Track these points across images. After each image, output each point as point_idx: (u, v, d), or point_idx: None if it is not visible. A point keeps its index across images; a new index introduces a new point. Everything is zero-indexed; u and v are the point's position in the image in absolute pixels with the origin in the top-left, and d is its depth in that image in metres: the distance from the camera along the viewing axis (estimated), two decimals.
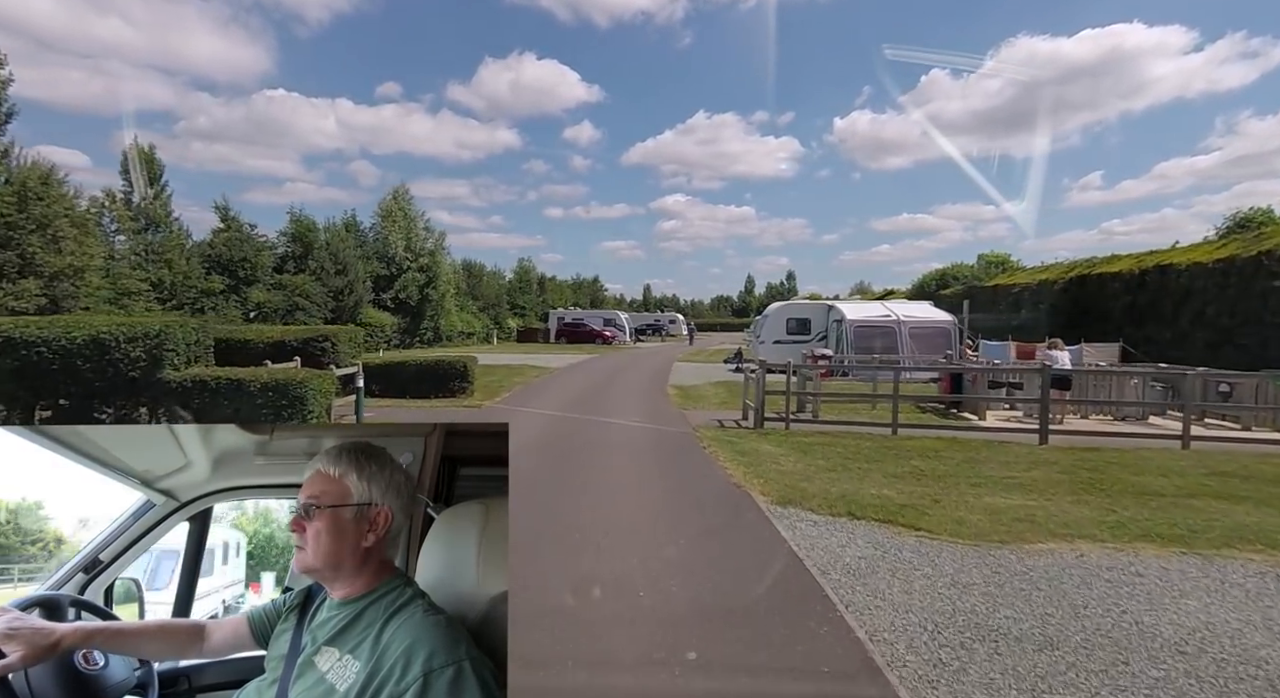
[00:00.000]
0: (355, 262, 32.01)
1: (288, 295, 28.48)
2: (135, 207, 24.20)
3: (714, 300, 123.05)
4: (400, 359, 14.13)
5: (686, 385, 17.84)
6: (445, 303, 39.36)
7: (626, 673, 3.36)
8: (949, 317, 19.92)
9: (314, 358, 13.95)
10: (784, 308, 23.53)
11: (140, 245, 23.57)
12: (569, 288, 75.29)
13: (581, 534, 5.45)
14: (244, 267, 27.19)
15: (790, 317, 22.76)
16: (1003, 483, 7.20)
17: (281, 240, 31.41)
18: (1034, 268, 27.07)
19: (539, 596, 4.15)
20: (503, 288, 53.26)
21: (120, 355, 9.13)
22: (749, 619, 3.92)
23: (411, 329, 37.07)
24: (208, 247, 26.93)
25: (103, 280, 20.47)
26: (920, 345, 19.14)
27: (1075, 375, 11.98)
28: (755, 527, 5.73)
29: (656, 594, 4.24)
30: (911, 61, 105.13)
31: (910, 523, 5.75)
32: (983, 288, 29.17)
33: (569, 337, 45.09)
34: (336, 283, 30.75)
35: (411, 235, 36.82)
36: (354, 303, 31.36)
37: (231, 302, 26.71)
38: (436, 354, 14.03)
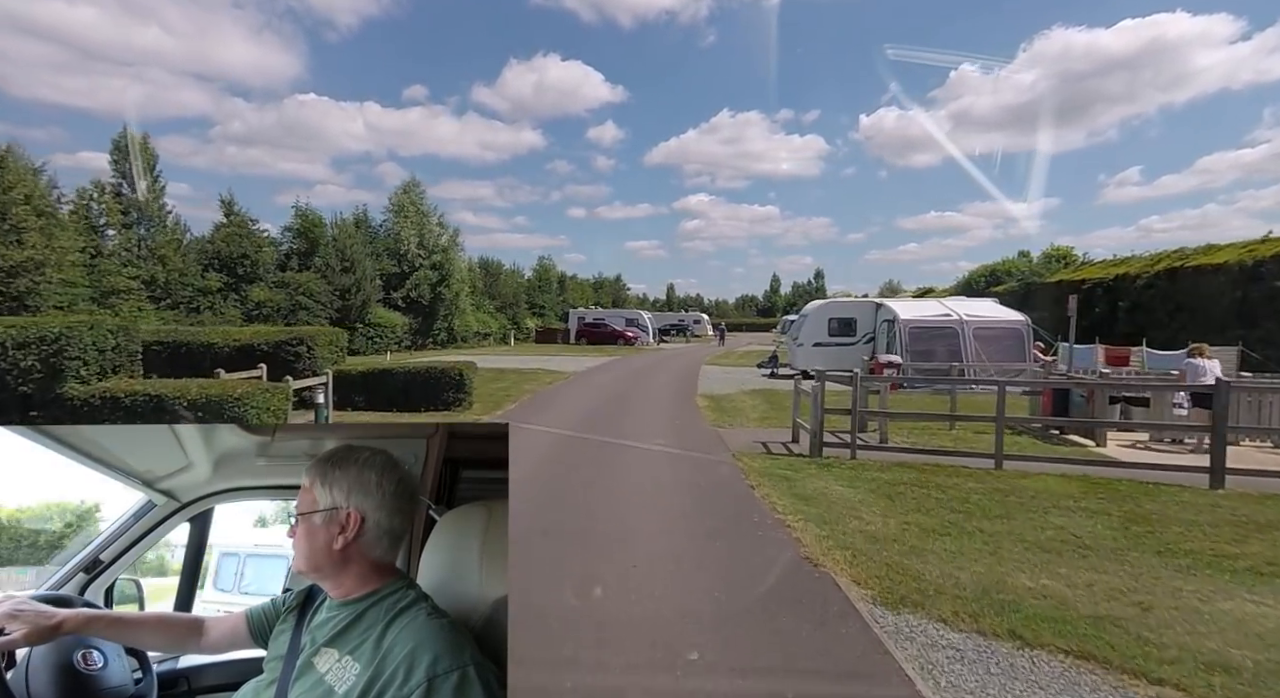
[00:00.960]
0: (363, 258, 30.28)
1: (290, 294, 26.86)
2: (127, 199, 22.68)
3: (739, 300, 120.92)
4: (386, 366, 12.13)
5: (718, 395, 15.58)
6: (460, 302, 37.53)
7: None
8: (1020, 316, 17.30)
9: (286, 364, 12.01)
10: (825, 306, 21.05)
11: (130, 240, 22.03)
12: (590, 287, 73.30)
13: (583, 637, 3.28)
14: (244, 264, 25.60)
15: (833, 316, 20.31)
16: (1219, 563, 4.82)
17: (286, 237, 29.83)
18: (1106, 262, 24.17)
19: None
20: (521, 287, 51.38)
21: (8, 365, 7.22)
22: None
23: (424, 329, 35.31)
24: (206, 243, 25.40)
25: (82, 277, 18.92)
26: (988, 350, 16.59)
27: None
28: (866, 659, 3.48)
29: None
30: (940, 58, 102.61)
31: (1125, 658, 3.43)
32: (1044, 284, 26.33)
33: (589, 337, 43.03)
34: (343, 281, 29.07)
35: (424, 231, 35.00)
36: (361, 302, 29.65)
37: (230, 301, 25.14)
38: (429, 360, 11.97)
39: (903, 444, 9.30)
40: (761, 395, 15.50)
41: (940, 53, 74.39)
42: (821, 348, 20.12)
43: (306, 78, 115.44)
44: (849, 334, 20.09)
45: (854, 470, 7.84)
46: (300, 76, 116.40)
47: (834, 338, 20.11)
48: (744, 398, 15.04)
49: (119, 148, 22.82)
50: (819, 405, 8.56)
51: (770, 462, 8.30)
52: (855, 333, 20.10)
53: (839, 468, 7.94)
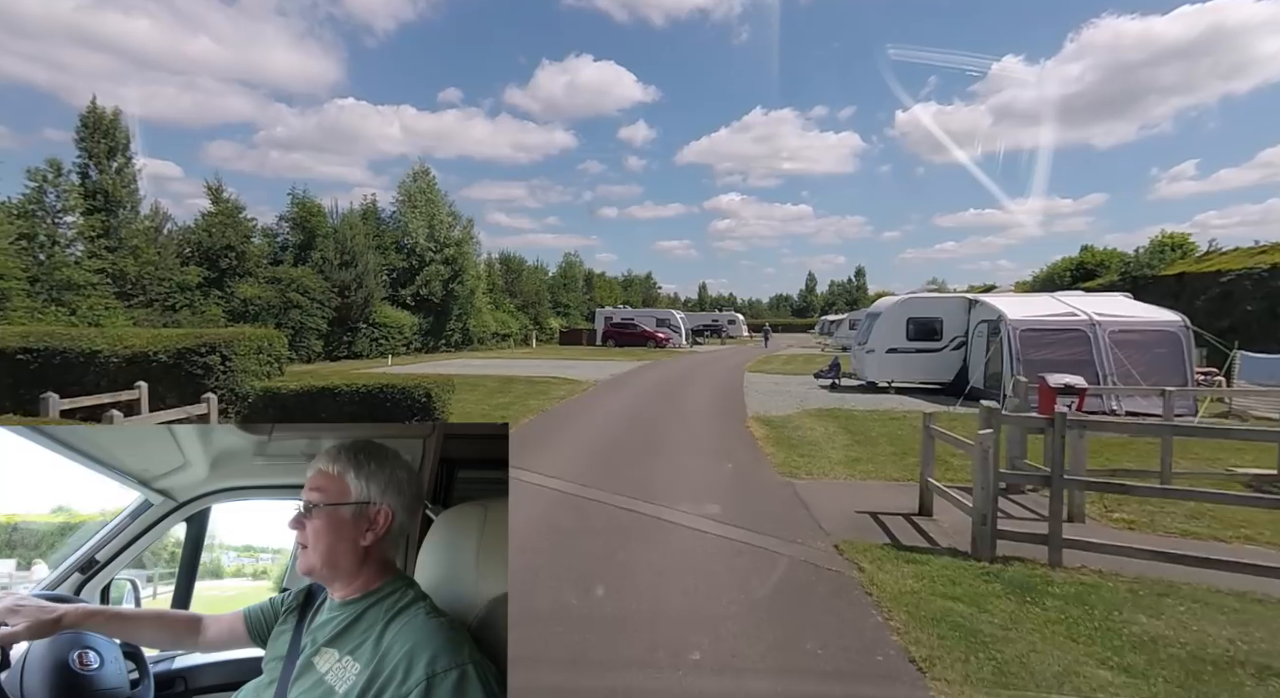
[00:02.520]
0: (366, 252, 27.37)
1: (282, 290, 24.08)
2: (93, 183, 20.04)
3: (773, 299, 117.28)
4: (332, 384, 8.87)
5: (776, 418, 11.97)
6: (475, 300, 34.52)
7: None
8: (1175, 316, 13.25)
9: (192, 380, 8.85)
10: (903, 304, 17.16)
11: (93, 229, 19.36)
12: (619, 285, 69.97)
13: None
14: (229, 256, 22.84)
15: (913, 316, 16.46)
16: None
17: (283, 228, 27.05)
18: (1249, 249, 19.75)
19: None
20: (544, 284, 48.26)
21: None
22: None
23: (435, 330, 32.37)
24: (189, 232, 22.72)
25: (18, 266, 16.24)
26: (1135, 359, 12.63)
27: None
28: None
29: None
30: (979, 53, 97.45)
31: None
32: (1157, 277, 21.96)
33: (617, 339, 39.71)
34: (343, 276, 26.21)
35: (435, 222, 31.99)
36: (364, 299, 26.73)
37: (213, 298, 22.43)
38: (386, 378, 8.64)
39: (1123, 528, 5.65)
40: (833, 419, 11.84)
41: (979, 46, 69.45)
42: (898, 355, 16.34)
43: (346, 83, 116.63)
44: (933, 338, 16.25)
45: (1077, 593, 4.23)
46: (340, 81, 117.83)
47: (914, 342, 16.29)
48: (811, 423, 11.41)
49: (87, 124, 20.21)
50: (990, 468, 4.94)
51: (913, 569, 4.71)
52: (941, 336, 16.26)
53: (1045, 590, 4.33)
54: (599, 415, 12.25)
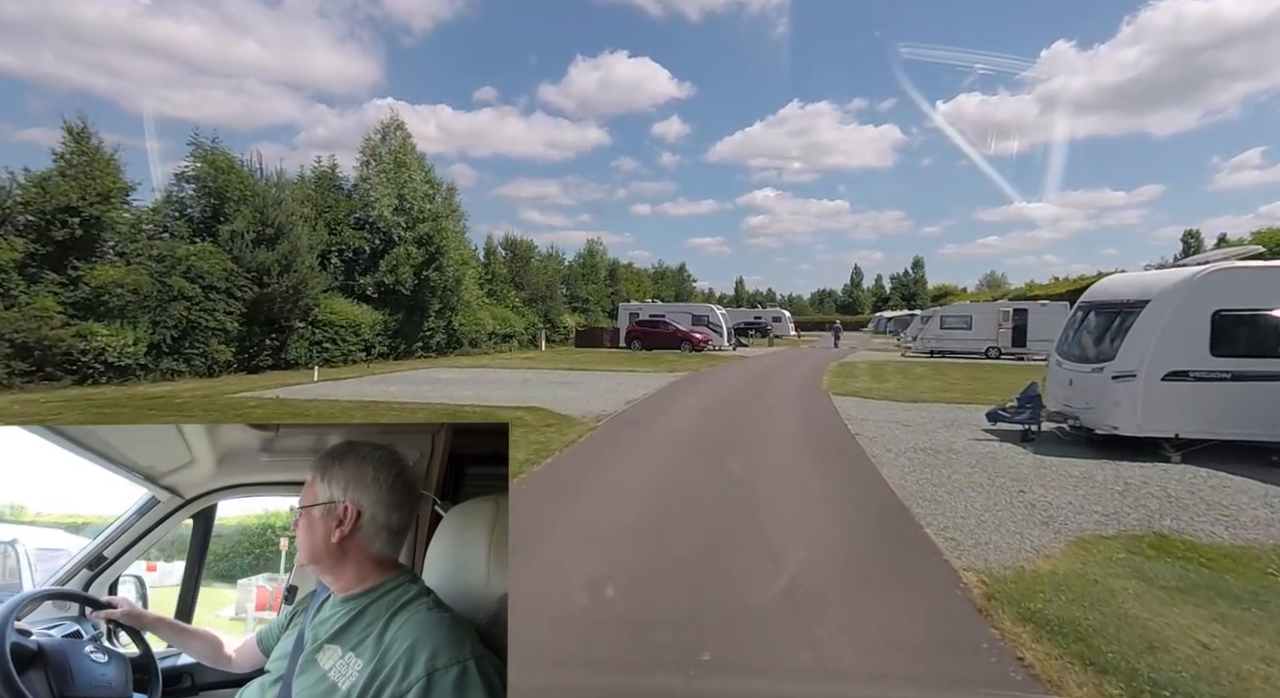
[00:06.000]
0: (297, 223, 20.10)
1: (162, 275, 16.99)
2: None
3: (814, 295, 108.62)
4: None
5: (996, 568, 4.02)
6: (462, 291, 27.13)
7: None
8: None
9: None
10: (1208, 284, 8.79)
11: None
12: (649, 277, 62.13)
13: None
14: (70, 223, 15.68)
15: (1226, 308, 8.29)
16: None
17: (184, 188, 19.69)
18: None
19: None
20: (558, 274, 40.72)
21: None
22: None
23: (407, 329, 25.07)
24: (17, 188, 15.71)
25: None
26: None
27: None
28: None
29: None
30: (1028, 38, 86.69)
31: None
32: None
33: (644, 339, 32.03)
34: (263, 257, 18.99)
35: (407, 190, 24.61)
36: (290, 288, 19.46)
37: (46, 285, 15.41)
38: None
39: None
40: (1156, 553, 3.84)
41: (1028, 33, 59.69)
42: (1193, 387, 8.19)
43: (384, 83, 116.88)
44: (1269, 353, 8.08)
45: None
46: (379, 82, 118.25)
47: (1228, 358, 8.14)
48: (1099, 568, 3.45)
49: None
50: None
51: None
52: (1276, 350, 8.08)
53: None
54: (609, 502, 4.50)
